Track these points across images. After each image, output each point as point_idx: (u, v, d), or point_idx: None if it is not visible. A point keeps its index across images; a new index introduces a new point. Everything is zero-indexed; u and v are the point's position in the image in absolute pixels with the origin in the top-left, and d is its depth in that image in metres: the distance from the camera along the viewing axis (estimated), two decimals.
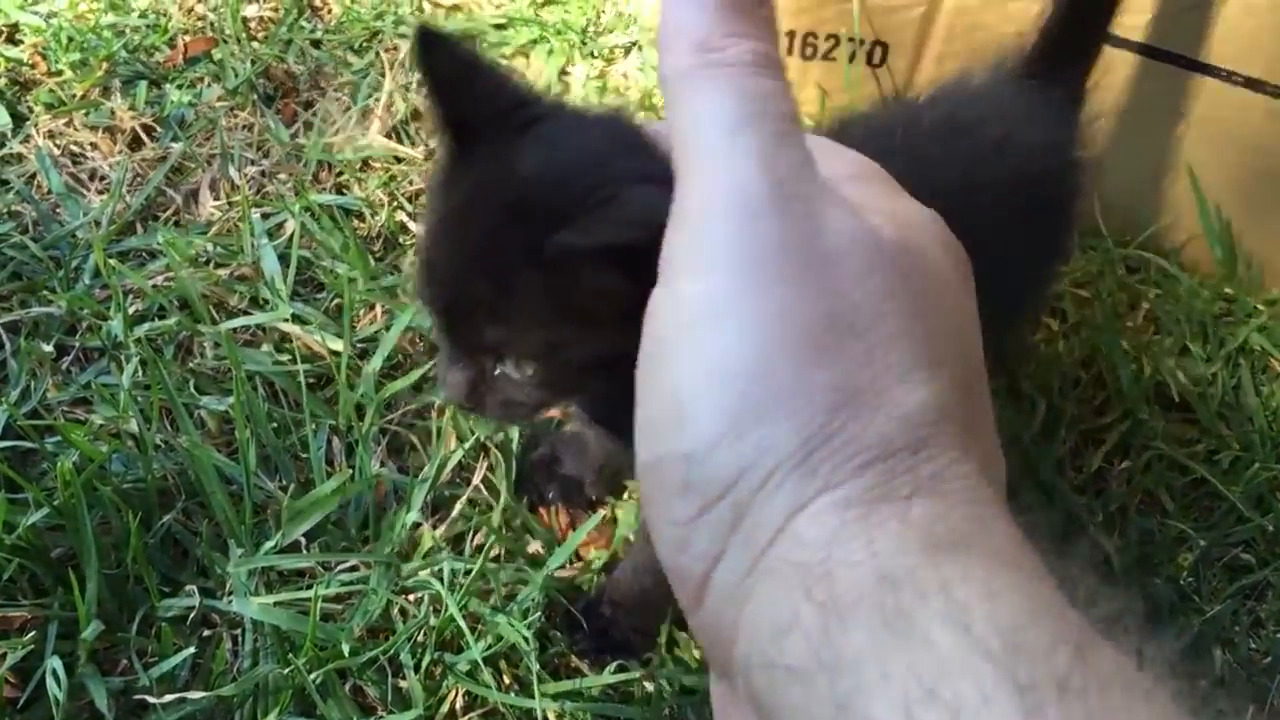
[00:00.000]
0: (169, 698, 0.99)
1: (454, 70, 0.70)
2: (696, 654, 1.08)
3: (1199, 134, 1.32)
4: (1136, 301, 1.36)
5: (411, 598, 1.09)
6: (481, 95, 0.71)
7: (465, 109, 0.71)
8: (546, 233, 0.64)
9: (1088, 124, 1.07)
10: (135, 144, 1.49)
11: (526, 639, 1.04)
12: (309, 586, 1.07)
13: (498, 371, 0.74)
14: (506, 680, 1.06)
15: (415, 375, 1.22)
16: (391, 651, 1.04)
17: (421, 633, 1.05)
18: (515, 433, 1.20)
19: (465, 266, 0.70)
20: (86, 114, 1.50)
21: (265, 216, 1.39)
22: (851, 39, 1.46)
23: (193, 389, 1.21)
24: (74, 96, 1.52)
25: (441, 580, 1.07)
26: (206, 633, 1.07)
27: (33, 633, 1.02)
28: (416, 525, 1.13)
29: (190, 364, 1.25)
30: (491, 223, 0.69)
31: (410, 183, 1.46)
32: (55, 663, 0.99)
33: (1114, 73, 1.31)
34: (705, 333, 0.43)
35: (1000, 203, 0.91)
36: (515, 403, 0.77)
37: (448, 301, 0.73)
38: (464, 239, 0.71)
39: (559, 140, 0.71)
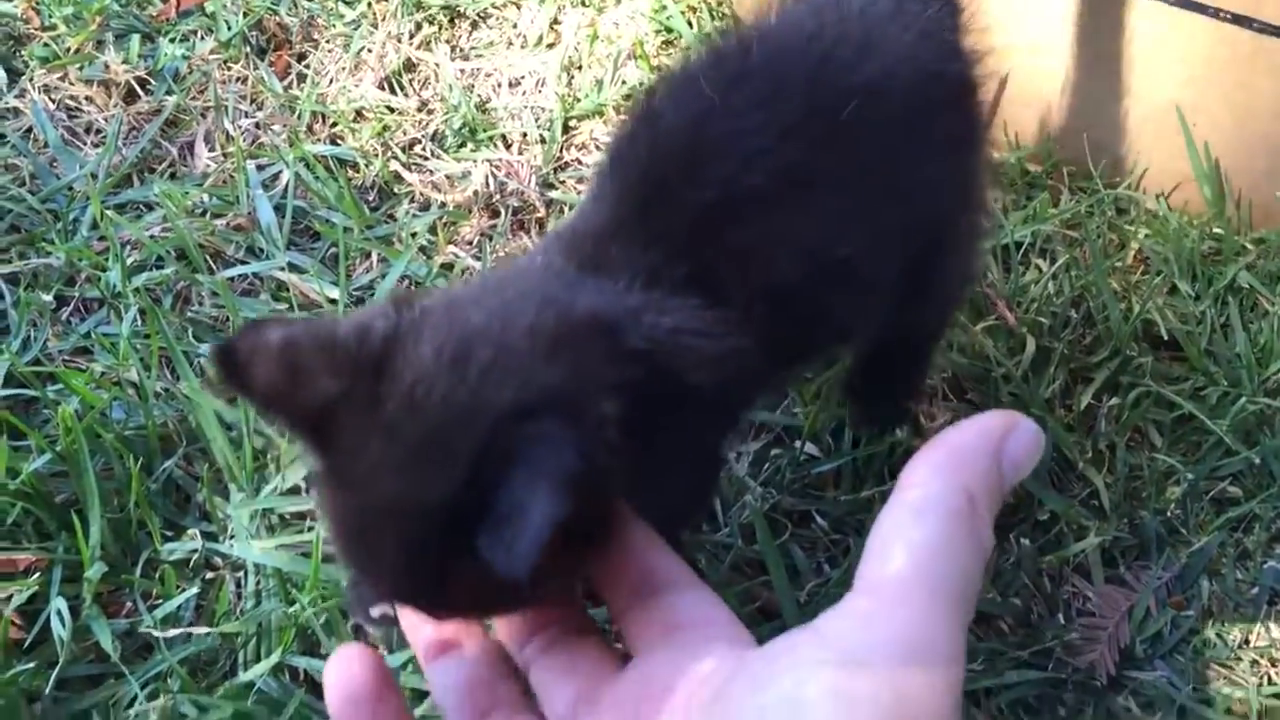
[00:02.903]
0: (174, 632, 1.01)
1: (272, 372, 0.58)
2: None
3: (1187, 72, 1.32)
4: (1126, 242, 1.36)
5: None
6: (315, 375, 0.58)
7: (307, 401, 0.58)
8: (455, 514, 0.54)
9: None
10: (130, 97, 1.50)
11: None
12: (310, 530, 1.09)
13: None
14: None
15: None
16: None
17: None
18: None
19: (388, 573, 0.59)
20: (81, 68, 1.51)
21: (260, 167, 1.40)
22: None
23: (191, 337, 1.23)
24: (68, 51, 1.52)
25: None
26: (209, 575, 1.08)
27: (38, 575, 1.04)
28: None
29: (188, 312, 1.26)
30: (389, 524, 0.57)
31: (404, 133, 1.46)
32: (60, 604, 1.01)
33: (1101, 13, 1.31)
34: None
35: (886, 127, 0.82)
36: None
37: (386, 594, 0.65)
38: (372, 545, 0.59)
39: (417, 386, 0.57)
